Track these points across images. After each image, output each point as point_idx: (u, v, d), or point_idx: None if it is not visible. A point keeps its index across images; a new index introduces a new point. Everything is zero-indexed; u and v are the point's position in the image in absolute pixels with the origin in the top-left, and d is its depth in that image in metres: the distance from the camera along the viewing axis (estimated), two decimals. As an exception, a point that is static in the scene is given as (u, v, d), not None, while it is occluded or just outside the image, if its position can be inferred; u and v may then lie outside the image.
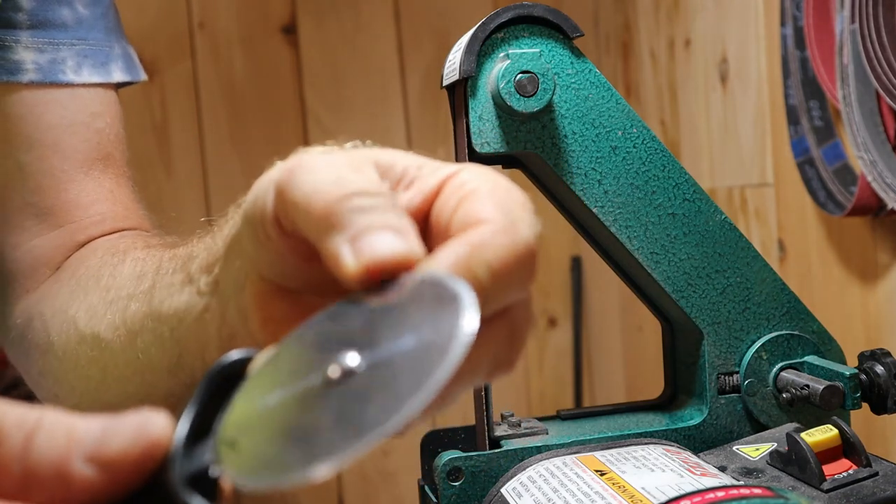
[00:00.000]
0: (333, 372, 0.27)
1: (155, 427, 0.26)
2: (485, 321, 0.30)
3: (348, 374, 0.27)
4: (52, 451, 0.26)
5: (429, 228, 0.34)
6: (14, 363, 0.69)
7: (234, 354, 0.29)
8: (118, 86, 0.71)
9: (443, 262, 0.29)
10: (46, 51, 0.65)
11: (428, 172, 0.34)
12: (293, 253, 0.35)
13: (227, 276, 0.41)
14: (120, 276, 0.57)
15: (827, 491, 0.51)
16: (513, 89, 0.56)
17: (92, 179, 0.67)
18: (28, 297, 0.65)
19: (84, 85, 0.67)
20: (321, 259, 0.32)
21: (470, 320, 0.27)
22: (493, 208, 0.31)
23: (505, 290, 0.30)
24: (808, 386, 0.59)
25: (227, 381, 0.29)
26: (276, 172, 0.34)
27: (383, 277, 0.30)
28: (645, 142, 0.60)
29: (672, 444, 0.59)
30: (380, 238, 0.30)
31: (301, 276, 0.36)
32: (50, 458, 0.26)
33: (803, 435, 0.53)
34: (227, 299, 0.42)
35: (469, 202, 0.32)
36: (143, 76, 0.73)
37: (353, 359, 0.28)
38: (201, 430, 0.27)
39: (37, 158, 0.65)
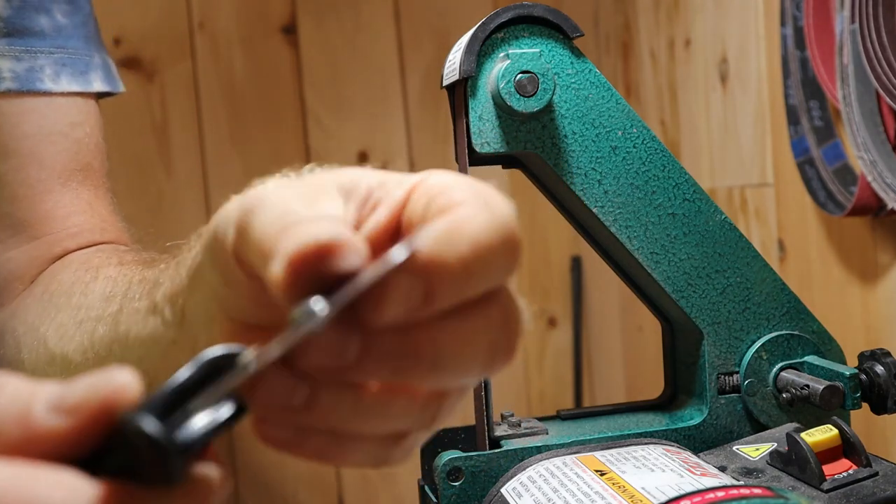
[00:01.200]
0: None
1: (119, 376, 0.26)
2: (476, 304, 0.29)
3: None
4: (15, 403, 0.26)
5: (400, 236, 0.31)
6: None
7: (220, 349, 0.28)
8: (98, 96, 0.70)
9: (422, 241, 0.28)
10: (24, 59, 0.64)
11: (393, 186, 0.32)
12: (260, 293, 0.33)
13: (194, 307, 0.40)
14: (91, 294, 0.56)
15: (827, 491, 0.51)
16: (513, 89, 0.56)
17: (70, 190, 0.66)
18: (2, 311, 0.65)
19: (62, 94, 0.66)
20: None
21: (400, 251, 0.28)
22: (467, 193, 0.30)
23: (489, 268, 0.28)
24: (808, 386, 0.59)
25: (209, 371, 0.28)
26: (234, 210, 0.32)
27: (311, 271, 0.28)
28: (645, 142, 0.60)
29: (672, 444, 0.59)
30: (300, 230, 0.28)
31: (271, 316, 0.34)
32: (12, 409, 0.26)
33: (803, 435, 0.53)
34: (196, 332, 0.40)
35: (440, 196, 0.30)
36: (122, 87, 0.72)
37: None
38: (174, 404, 0.27)
39: (13, 168, 0.64)
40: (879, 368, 0.59)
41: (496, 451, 0.57)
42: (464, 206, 0.29)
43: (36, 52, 0.65)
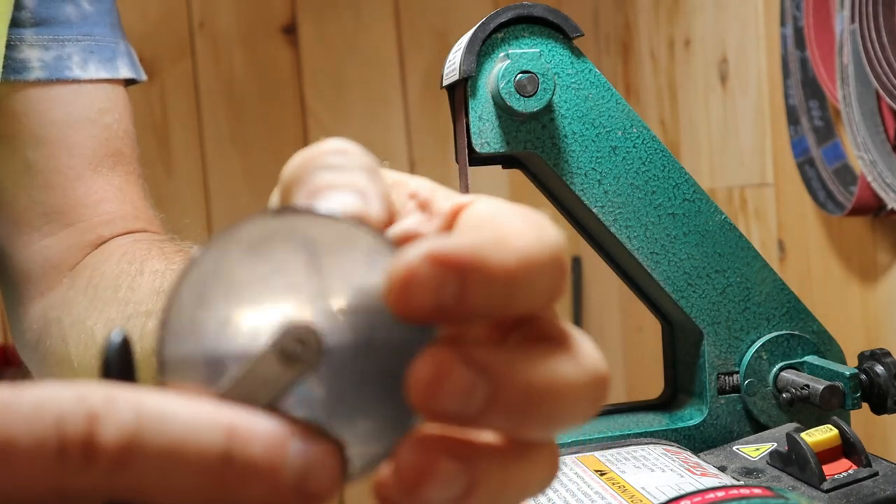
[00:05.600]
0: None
1: None
2: (527, 449, 0.25)
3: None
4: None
5: None
6: (28, 366, 0.68)
7: (117, 336, 0.24)
8: (125, 83, 0.71)
9: (466, 241, 0.24)
10: (51, 48, 0.65)
11: (442, 196, 0.29)
12: None
13: None
14: (138, 289, 0.57)
15: (827, 491, 0.51)
16: (513, 89, 0.56)
17: (100, 177, 0.66)
18: (43, 300, 0.65)
19: (91, 81, 0.66)
20: None
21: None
22: (519, 216, 0.26)
23: (533, 285, 0.25)
24: (808, 386, 0.59)
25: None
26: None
27: None
28: (645, 142, 0.60)
29: (672, 444, 0.59)
30: (333, 195, 0.26)
31: None
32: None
33: (803, 435, 0.53)
34: None
35: (491, 220, 0.27)
36: (144, 76, 0.73)
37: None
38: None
39: (44, 156, 0.65)
40: (879, 368, 0.59)
41: (496, 451, 0.57)
42: (515, 223, 0.26)
43: (63, 41, 0.65)
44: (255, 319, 0.23)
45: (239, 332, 0.23)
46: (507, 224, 0.25)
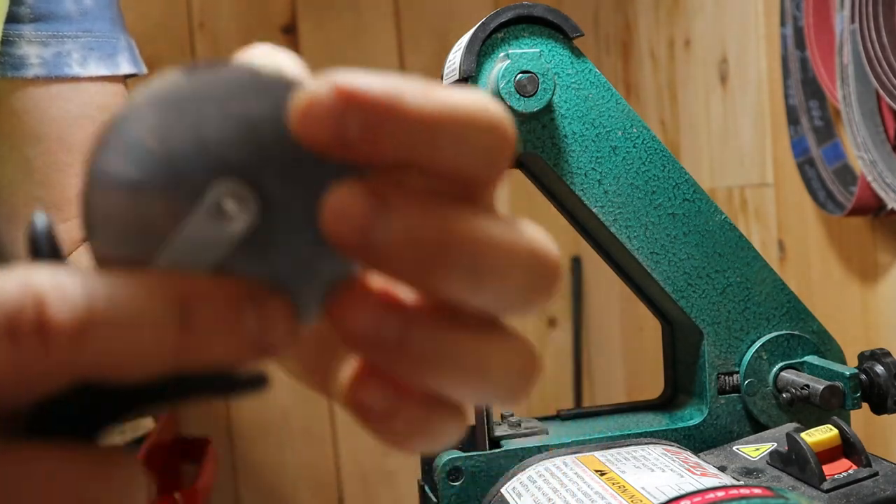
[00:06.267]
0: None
1: None
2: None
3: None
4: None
5: None
6: None
7: (40, 218, 0.23)
8: (125, 78, 0.71)
9: (382, 80, 0.22)
10: (51, 44, 0.65)
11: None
12: None
13: None
14: None
15: (827, 491, 0.51)
16: (513, 89, 0.56)
17: None
18: None
19: (90, 78, 0.66)
20: None
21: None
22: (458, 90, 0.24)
23: (463, 144, 0.23)
24: (808, 386, 0.59)
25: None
26: None
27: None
28: (645, 142, 0.60)
29: (672, 444, 0.59)
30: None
31: None
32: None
33: (803, 435, 0.53)
34: None
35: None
36: (146, 70, 0.73)
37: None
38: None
39: (42, 153, 0.65)
40: (879, 368, 0.59)
41: (496, 451, 0.57)
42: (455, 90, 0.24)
43: (63, 37, 0.65)
44: (186, 178, 0.22)
45: (172, 193, 0.22)
46: (441, 86, 0.24)
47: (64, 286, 0.21)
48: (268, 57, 0.26)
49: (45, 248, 0.23)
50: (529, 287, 0.24)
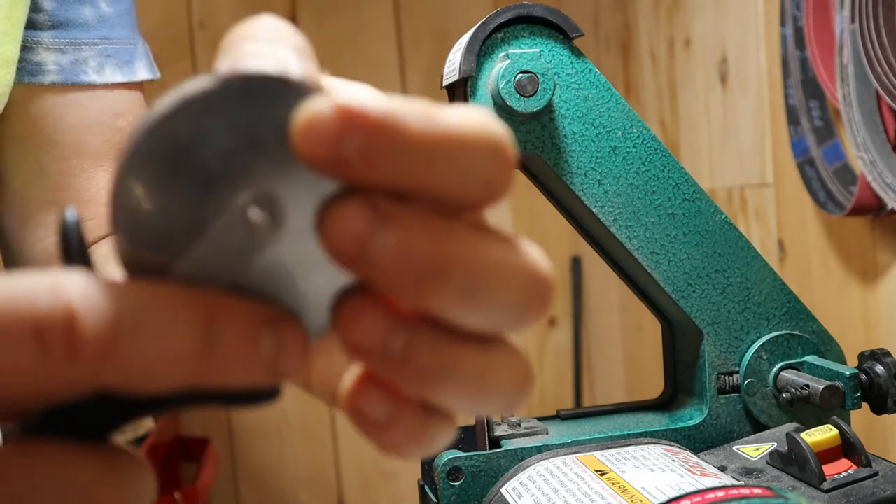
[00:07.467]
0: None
1: None
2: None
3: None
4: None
5: None
6: None
7: (72, 215, 0.23)
8: (142, 83, 0.71)
9: (384, 101, 0.22)
10: (68, 51, 0.65)
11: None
12: None
13: None
14: None
15: (827, 491, 0.51)
16: (513, 89, 0.56)
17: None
18: None
19: (106, 86, 0.66)
20: None
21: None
22: (458, 108, 0.24)
23: (462, 168, 0.23)
24: (808, 386, 0.59)
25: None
26: None
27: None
28: (645, 142, 0.60)
29: (672, 444, 0.59)
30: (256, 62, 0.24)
31: None
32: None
33: (803, 435, 0.53)
34: None
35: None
36: (159, 74, 0.73)
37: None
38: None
39: (56, 158, 0.65)
40: (879, 368, 0.59)
41: (496, 450, 0.57)
42: (454, 109, 0.24)
43: (80, 44, 0.65)
44: (212, 186, 0.23)
45: (198, 200, 0.23)
46: (443, 107, 0.24)
47: (94, 298, 0.22)
48: (276, 38, 0.26)
49: (76, 246, 0.23)
50: (522, 306, 0.25)
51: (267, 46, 0.26)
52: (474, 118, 0.23)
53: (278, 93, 0.22)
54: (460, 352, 0.24)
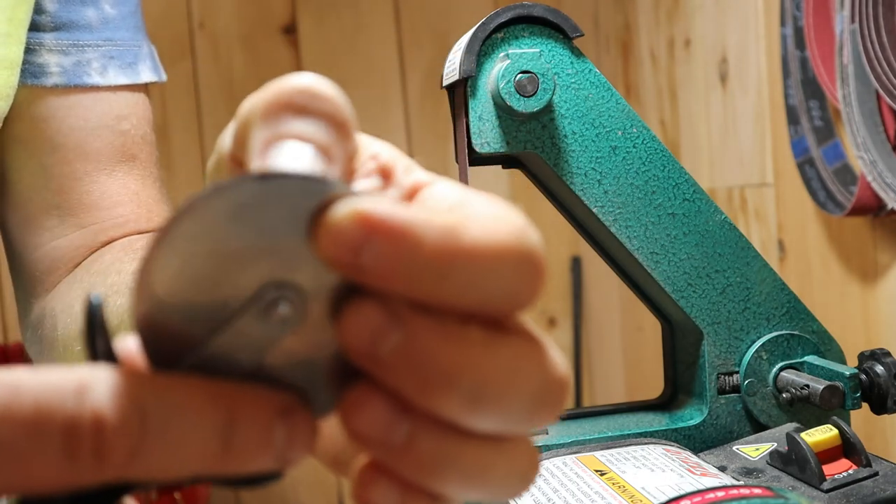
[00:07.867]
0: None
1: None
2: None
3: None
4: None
5: None
6: (34, 362, 0.69)
7: (97, 298, 0.24)
8: (146, 85, 0.71)
9: (407, 211, 0.22)
10: (71, 53, 0.65)
11: (402, 167, 0.28)
12: None
13: None
14: (124, 272, 0.57)
15: (827, 491, 0.51)
16: (513, 89, 0.56)
17: (116, 181, 0.66)
18: (47, 296, 0.65)
19: (110, 88, 0.66)
20: None
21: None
22: (485, 207, 0.24)
23: (487, 283, 0.23)
24: (808, 386, 0.59)
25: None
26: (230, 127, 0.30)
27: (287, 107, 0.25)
28: (645, 142, 0.60)
29: (672, 444, 0.59)
30: (293, 147, 0.25)
31: None
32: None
33: (803, 435, 0.53)
34: None
35: (458, 206, 0.25)
36: (164, 76, 0.73)
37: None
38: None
39: (59, 161, 0.64)
40: (879, 368, 0.59)
41: (496, 451, 0.57)
42: (481, 209, 0.24)
43: (83, 46, 0.65)
44: (238, 279, 0.23)
45: (221, 292, 0.23)
46: (472, 211, 0.24)
47: (121, 400, 0.22)
48: (310, 106, 0.26)
49: (100, 333, 0.24)
50: (532, 412, 0.25)
51: (300, 124, 0.26)
52: (504, 231, 0.23)
53: (307, 193, 0.23)
54: (464, 445, 0.24)
